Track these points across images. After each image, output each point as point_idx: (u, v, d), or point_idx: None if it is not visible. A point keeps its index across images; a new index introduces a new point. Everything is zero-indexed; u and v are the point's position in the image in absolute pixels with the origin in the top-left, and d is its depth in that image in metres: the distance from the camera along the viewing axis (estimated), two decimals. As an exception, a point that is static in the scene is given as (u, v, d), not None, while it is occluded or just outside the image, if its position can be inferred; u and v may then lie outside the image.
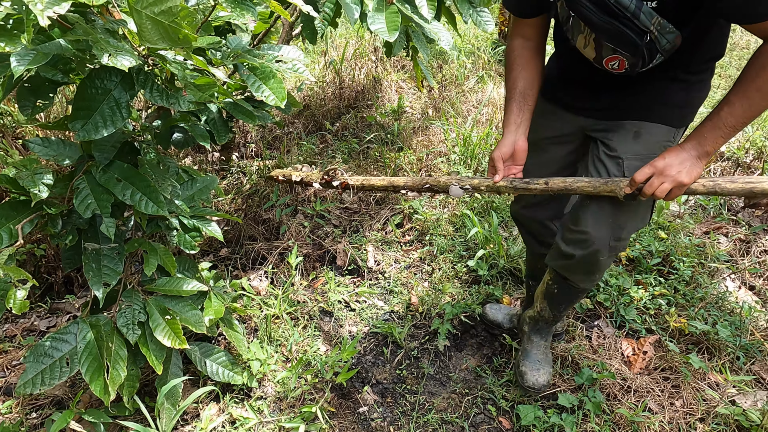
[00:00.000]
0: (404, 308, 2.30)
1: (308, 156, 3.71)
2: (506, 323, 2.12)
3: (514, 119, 1.48)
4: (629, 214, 1.43)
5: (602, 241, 1.45)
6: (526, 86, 1.47)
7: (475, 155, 3.05)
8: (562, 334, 2.09)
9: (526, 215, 1.82)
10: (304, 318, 2.26)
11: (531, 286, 1.98)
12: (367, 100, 4.39)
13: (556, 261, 1.62)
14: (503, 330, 2.12)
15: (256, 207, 2.99)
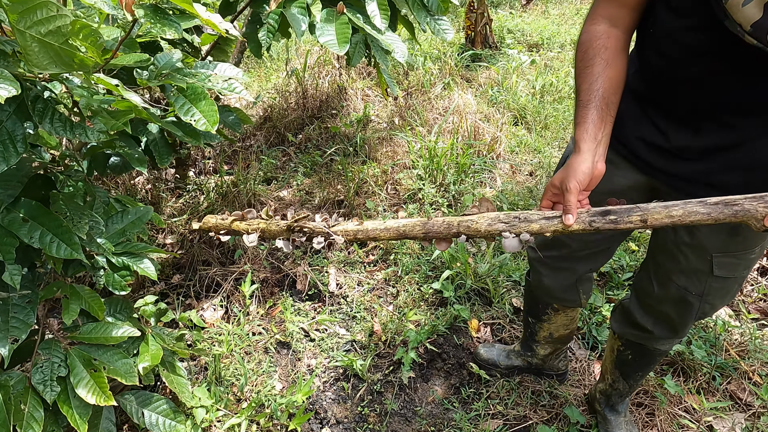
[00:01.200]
0: (367, 336, 2.16)
1: (269, 171, 3.55)
2: (503, 360, 1.98)
3: (593, 132, 1.04)
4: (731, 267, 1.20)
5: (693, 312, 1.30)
6: (610, 90, 1.07)
7: (440, 168, 2.93)
8: (566, 372, 1.96)
9: (562, 266, 1.50)
10: (259, 352, 2.10)
11: (531, 323, 1.81)
12: (332, 110, 4.25)
13: (628, 329, 1.48)
14: (500, 369, 1.98)
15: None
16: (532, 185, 3.19)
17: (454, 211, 2.78)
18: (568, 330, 1.77)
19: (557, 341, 1.81)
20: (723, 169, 1.09)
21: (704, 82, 1.03)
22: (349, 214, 3.00)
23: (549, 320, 1.73)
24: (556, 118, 3.90)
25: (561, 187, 1.04)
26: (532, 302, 1.74)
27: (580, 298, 1.58)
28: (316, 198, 3.23)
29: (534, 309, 1.76)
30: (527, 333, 1.86)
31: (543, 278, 1.56)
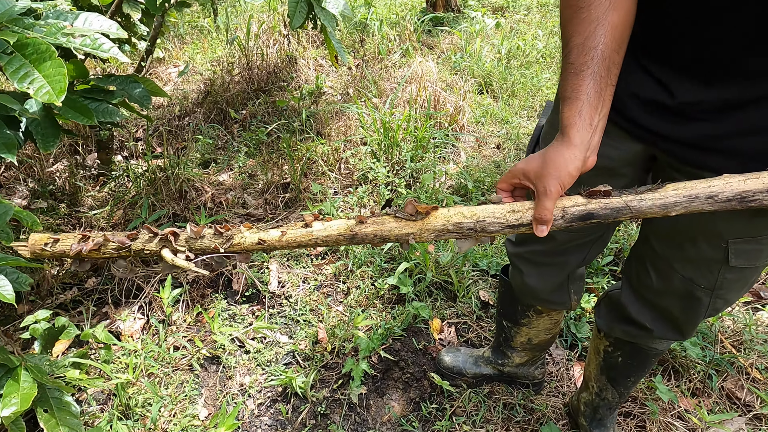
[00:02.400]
0: (311, 345, 1.84)
1: (207, 152, 3.15)
2: (470, 368, 1.68)
3: (589, 115, 0.80)
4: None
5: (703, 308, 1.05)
6: (613, 45, 0.79)
7: (396, 143, 2.59)
8: (543, 382, 1.68)
9: (548, 262, 1.24)
10: (182, 371, 1.76)
11: (506, 328, 1.53)
12: (281, 82, 3.84)
13: (618, 326, 1.21)
14: (466, 378, 1.68)
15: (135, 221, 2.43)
16: (500, 159, 2.89)
17: (413, 192, 2.46)
18: (551, 335, 1.48)
19: (536, 348, 1.53)
20: (738, 131, 0.83)
21: (722, 17, 0.76)
22: (296, 198, 2.65)
23: (529, 324, 1.44)
24: (524, 85, 3.59)
25: (535, 184, 0.84)
26: (510, 304, 1.45)
27: (570, 299, 1.29)
28: (259, 181, 2.86)
29: (511, 311, 1.46)
30: (501, 338, 1.57)
31: (526, 278, 1.26)
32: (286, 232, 0.97)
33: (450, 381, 1.68)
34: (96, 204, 2.78)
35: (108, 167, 2.98)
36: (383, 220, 0.93)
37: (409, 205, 0.91)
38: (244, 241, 0.97)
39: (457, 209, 0.90)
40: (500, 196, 0.92)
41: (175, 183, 2.63)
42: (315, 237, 0.95)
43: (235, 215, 2.61)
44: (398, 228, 0.91)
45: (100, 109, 1.81)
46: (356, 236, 0.94)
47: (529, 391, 1.64)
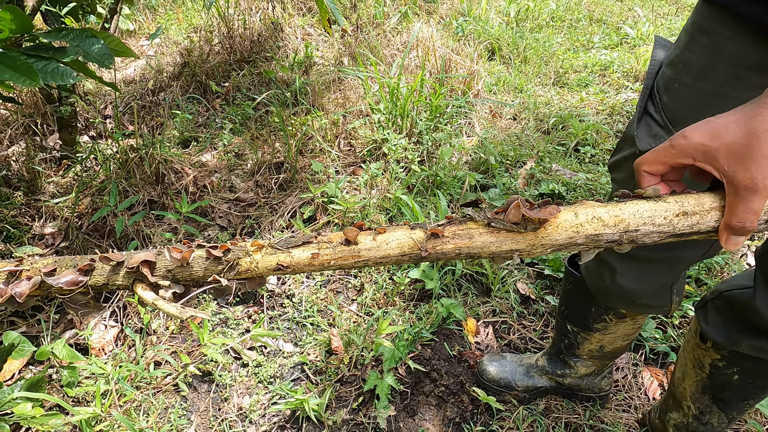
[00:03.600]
0: (323, 355, 1.52)
1: (187, 129, 2.77)
2: (521, 380, 1.38)
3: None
4: None
5: None
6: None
7: (407, 112, 2.25)
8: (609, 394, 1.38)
9: (659, 259, 0.93)
10: (166, 393, 1.43)
11: (572, 333, 1.23)
12: (266, 52, 3.45)
13: (746, 339, 0.93)
14: (516, 391, 1.38)
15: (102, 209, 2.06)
16: (518, 131, 2.57)
17: (428, 169, 2.13)
18: (628, 341, 1.19)
19: (607, 356, 1.24)
20: None
21: None
22: (292, 179, 2.30)
23: (605, 330, 1.14)
24: (535, 50, 3.27)
25: (731, 172, 0.54)
26: (580, 305, 1.14)
27: (672, 301, 0.99)
28: (248, 161, 2.50)
29: (581, 314, 1.16)
30: (562, 344, 1.27)
31: (619, 277, 0.96)
32: (318, 253, 0.64)
33: (497, 396, 1.38)
34: (59, 191, 2.40)
35: (72, 149, 2.59)
36: (470, 231, 0.61)
37: (514, 209, 0.59)
38: (255, 266, 0.65)
39: (590, 212, 0.58)
40: (656, 187, 0.59)
41: (150, 165, 2.26)
42: (364, 258, 0.63)
43: (222, 200, 2.26)
44: (496, 243, 0.60)
45: (48, 70, 1.45)
46: (428, 255, 0.62)
47: (595, 406, 1.35)
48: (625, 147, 0.94)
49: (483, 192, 2.07)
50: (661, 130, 0.84)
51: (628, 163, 0.92)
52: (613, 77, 2.97)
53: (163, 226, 2.10)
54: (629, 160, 0.92)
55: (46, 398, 1.12)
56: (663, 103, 0.83)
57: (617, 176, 0.96)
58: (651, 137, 0.85)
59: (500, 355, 1.45)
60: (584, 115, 2.59)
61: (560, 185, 2.06)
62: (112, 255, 0.67)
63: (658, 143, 0.84)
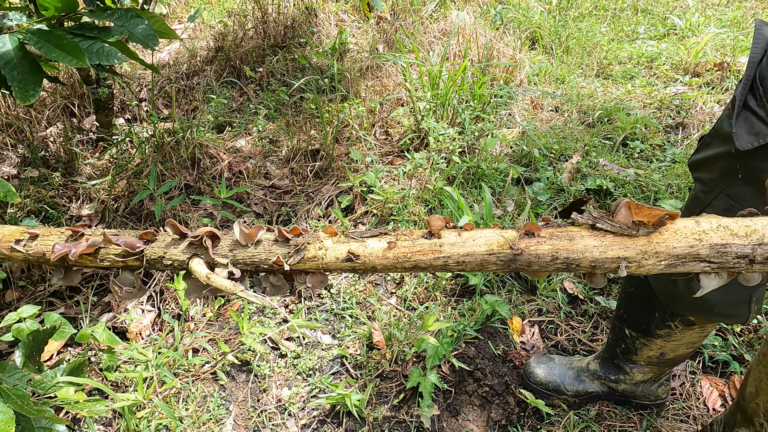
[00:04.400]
0: (363, 349, 1.48)
1: (221, 114, 2.75)
2: (570, 384, 1.32)
3: None
4: None
5: None
6: None
7: (449, 101, 2.18)
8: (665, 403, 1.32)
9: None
10: (205, 382, 1.41)
11: (630, 338, 1.17)
12: (299, 38, 3.40)
13: None
14: (566, 395, 1.32)
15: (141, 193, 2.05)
16: (561, 124, 2.48)
17: (469, 161, 2.06)
18: (691, 349, 1.12)
19: (667, 363, 1.17)
20: None
21: None
22: (328, 167, 2.26)
23: (668, 337, 1.07)
24: (578, 40, 3.15)
25: None
26: (642, 310, 1.08)
27: (750, 311, 0.92)
28: (283, 148, 2.47)
29: (642, 320, 1.09)
30: (618, 349, 1.21)
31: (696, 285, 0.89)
32: (395, 243, 0.59)
33: (545, 400, 1.32)
34: (95, 173, 2.40)
35: (108, 131, 2.59)
36: (570, 232, 0.55)
37: (624, 207, 0.52)
38: (323, 254, 0.60)
39: (713, 220, 0.52)
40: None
41: (186, 149, 2.24)
42: (446, 255, 0.57)
43: (257, 187, 2.23)
44: (600, 248, 0.53)
45: (93, 49, 1.43)
46: (519, 257, 0.56)
47: (651, 414, 1.28)
48: (714, 144, 0.86)
49: (527, 186, 2.00)
50: (765, 127, 0.76)
51: (720, 163, 0.85)
52: (661, 69, 2.85)
53: (199, 212, 2.08)
54: (721, 159, 0.84)
55: (89, 383, 1.10)
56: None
57: (704, 176, 0.88)
58: (752, 135, 0.77)
59: (548, 356, 1.39)
60: (631, 108, 2.49)
61: (608, 181, 1.97)
62: (177, 225, 0.64)
63: (761, 142, 0.76)
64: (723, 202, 0.85)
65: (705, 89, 2.63)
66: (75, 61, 1.27)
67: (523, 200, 1.94)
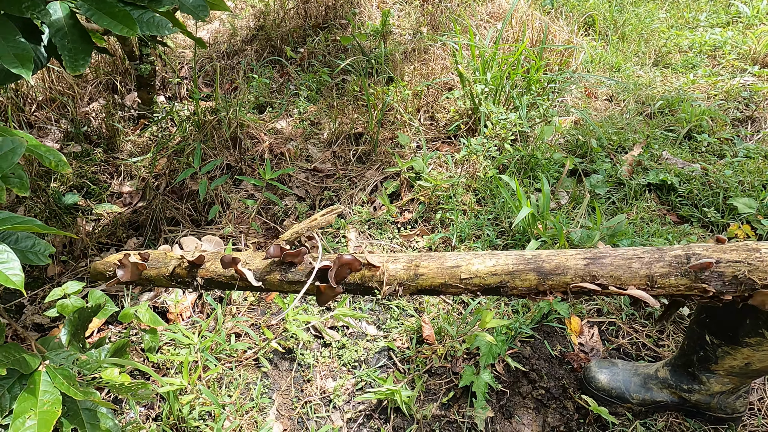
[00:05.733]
0: (412, 343, 1.41)
1: (262, 94, 2.69)
2: (636, 391, 1.22)
3: None
4: None
5: None
6: None
7: (502, 87, 2.07)
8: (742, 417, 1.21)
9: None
10: (247, 368, 1.36)
11: (711, 345, 1.07)
12: (341, 19, 3.32)
13: None
14: (631, 404, 1.23)
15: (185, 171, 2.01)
16: (617, 113, 2.34)
17: (522, 149, 1.96)
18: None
19: (751, 375, 1.07)
20: None
21: None
22: (372, 151, 2.18)
23: (758, 346, 0.97)
24: (635, 26, 2.98)
25: None
26: (729, 314, 0.98)
27: None
28: (324, 130, 2.40)
29: (728, 325, 0.99)
30: (694, 356, 1.11)
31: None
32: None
33: (608, 407, 1.23)
34: (136, 150, 2.38)
35: (150, 108, 2.57)
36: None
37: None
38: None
39: None
40: None
41: (228, 128, 2.19)
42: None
43: (299, 169, 2.17)
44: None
45: (144, 19, 1.38)
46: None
47: (728, 430, 1.17)
48: None
49: (586, 177, 1.89)
50: None
51: None
52: (726, 59, 2.67)
53: (240, 193, 2.03)
54: None
55: (134, 365, 1.06)
56: None
57: None
58: None
59: (610, 361, 1.29)
60: (694, 99, 2.33)
61: (672, 175, 1.84)
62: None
63: None
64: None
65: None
66: (126, 29, 1.23)
67: (580, 193, 1.83)
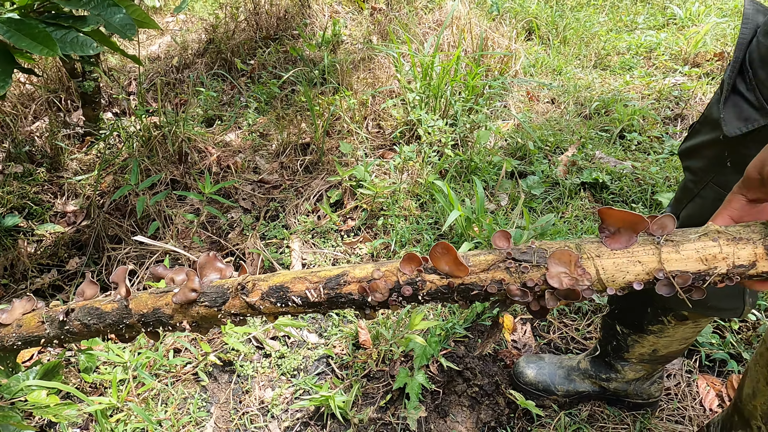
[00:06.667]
0: (350, 348, 1.44)
1: (211, 107, 2.70)
2: (561, 383, 1.28)
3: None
4: None
5: None
6: None
7: (441, 93, 2.13)
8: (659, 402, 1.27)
9: None
10: (186, 383, 1.37)
11: (622, 335, 1.12)
12: (293, 29, 3.34)
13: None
14: (556, 396, 1.28)
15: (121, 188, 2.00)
16: (557, 116, 2.42)
17: (462, 154, 2.01)
18: (685, 344, 1.08)
19: (660, 360, 1.13)
20: None
21: None
22: (318, 161, 2.21)
23: (661, 333, 1.03)
24: (576, 30, 3.09)
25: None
26: (635, 306, 1.04)
27: (745, 303, 0.88)
28: (273, 142, 2.42)
29: (635, 316, 1.05)
30: (609, 346, 1.17)
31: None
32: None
33: (535, 400, 1.28)
34: (82, 168, 2.36)
35: (95, 125, 2.54)
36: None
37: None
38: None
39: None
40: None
41: (173, 143, 2.19)
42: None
43: (245, 181, 2.18)
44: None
45: (67, 39, 1.39)
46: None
47: (645, 416, 1.23)
48: (703, 131, 0.82)
49: (521, 179, 1.95)
50: (755, 112, 0.71)
51: (709, 151, 0.81)
52: (660, 60, 2.79)
53: (185, 207, 2.03)
54: (709, 147, 0.80)
55: (60, 387, 1.06)
56: (759, 79, 0.71)
57: (693, 165, 0.84)
58: (741, 120, 0.73)
59: (538, 356, 1.35)
60: (628, 99, 2.43)
61: (604, 174, 1.92)
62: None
63: (750, 128, 0.72)
64: (712, 191, 0.81)
65: (705, 80, 2.58)
66: (46, 50, 1.23)
67: (518, 194, 1.89)
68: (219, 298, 0.64)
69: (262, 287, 0.63)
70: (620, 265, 0.54)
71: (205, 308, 0.64)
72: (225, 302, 0.64)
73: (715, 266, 0.52)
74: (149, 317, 0.66)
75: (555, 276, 0.55)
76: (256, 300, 0.62)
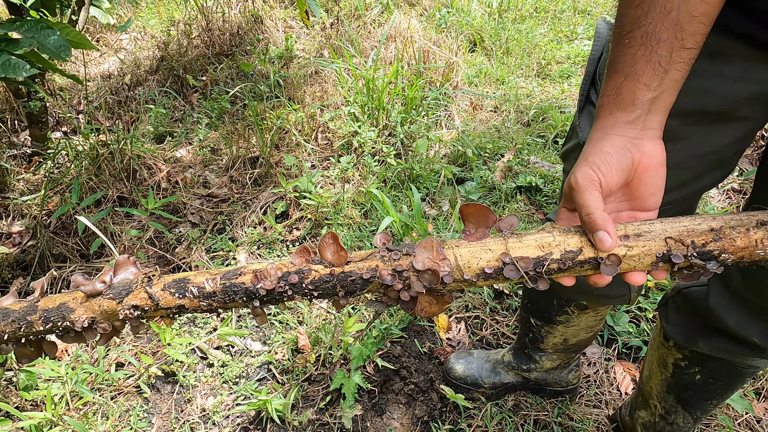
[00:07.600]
0: (289, 354, 1.49)
1: (162, 124, 2.72)
2: (487, 376, 1.35)
3: (643, 87, 0.56)
4: None
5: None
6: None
7: (382, 105, 2.21)
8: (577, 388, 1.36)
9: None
10: (128, 395, 1.39)
11: (535, 327, 1.20)
12: (246, 45, 3.39)
13: (705, 340, 0.91)
14: (484, 388, 1.36)
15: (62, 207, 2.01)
16: (498, 123, 2.54)
17: (403, 162, 2.09)
18: (592, 333, 1.16)
19: (572, 349, 1.21)
20: None
21: None
22: (267, 174, 2.26)
23: (567, 322, 1.11)
24: (518, 42, 3.23)
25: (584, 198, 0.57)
26: (541, 299, 1.12)
27: (631, 290, 0.97)
28: (223, 156, 2.46)
29: (543, 308, 1.13)
30: (526, 339, 1.25)
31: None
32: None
33: (465, 394, 1.35)
34: (29, 188, 2.35)
35: (43, 145, 2.53)
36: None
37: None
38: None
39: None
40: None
41: (121, 160, 2.21)
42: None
43: (194, 196, 2.21)
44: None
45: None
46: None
47: (564, 402, 1.32)
48: (573, 137, 0.91)
49: (459, 185, 2.04)
50: None
51: (575, 154, 0.89)
52: (595, 68, 2.94)
53: (132, 223, 2.05)
54: (575, 151, 0.89)
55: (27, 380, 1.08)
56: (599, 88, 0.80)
57: (566, 167, 0.93)
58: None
59: (467, 352, 1.42)
60: (565, 106, 2.56)
61: (538, 178, 2.03)
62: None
63: None
64: None
65: (636, 86, 2.73)
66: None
67: (456, 200, 1.98)
68: (124, 291, 0.68)
69: (167, 280, 0.67)
70: (475, 252, 0.62)
71: (109, 300, 0.68)
72: (128, 294, 0.67)
73: (551, 252, 0.59)
74: (52, 312, 0.69)
75: (420, 261, 0.62)
76: (157, 291, 0.66)
